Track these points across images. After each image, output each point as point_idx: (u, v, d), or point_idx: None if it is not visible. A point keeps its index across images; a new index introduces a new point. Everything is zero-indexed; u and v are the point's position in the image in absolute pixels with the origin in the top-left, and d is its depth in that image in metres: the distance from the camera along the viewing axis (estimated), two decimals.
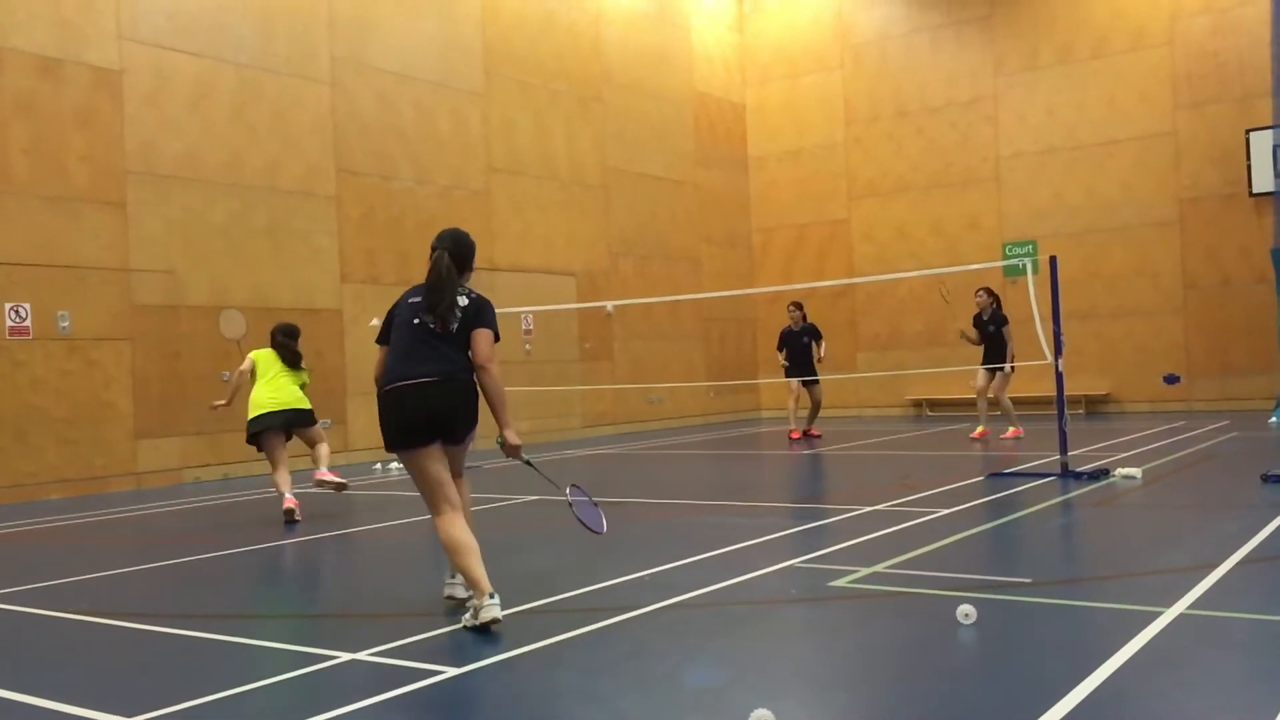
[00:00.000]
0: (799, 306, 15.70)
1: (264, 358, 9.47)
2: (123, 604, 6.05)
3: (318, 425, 9.74)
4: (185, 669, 4.62)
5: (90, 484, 11.93)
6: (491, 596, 4.84)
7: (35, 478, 11.51)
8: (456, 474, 5.44)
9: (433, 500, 5.26)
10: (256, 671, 4.40)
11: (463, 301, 5.41)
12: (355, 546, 7.89)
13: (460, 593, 5.36)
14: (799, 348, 15.46)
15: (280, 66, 13.97)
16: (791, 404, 15.64)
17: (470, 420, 5.40)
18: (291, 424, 9.38)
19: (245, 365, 9.50)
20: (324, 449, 9.62)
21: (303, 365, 9.64)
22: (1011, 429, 13.87)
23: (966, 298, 15.03)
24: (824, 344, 15.60)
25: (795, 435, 15.35)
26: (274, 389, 9.29)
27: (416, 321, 5.37)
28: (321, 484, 9.29)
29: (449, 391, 5.27)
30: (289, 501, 8.91)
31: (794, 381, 15.44)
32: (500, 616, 4.83)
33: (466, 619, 4.92)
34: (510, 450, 5.43)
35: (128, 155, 12.44)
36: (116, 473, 12.21)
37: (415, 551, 7.75)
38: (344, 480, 9.42)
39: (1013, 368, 13.84)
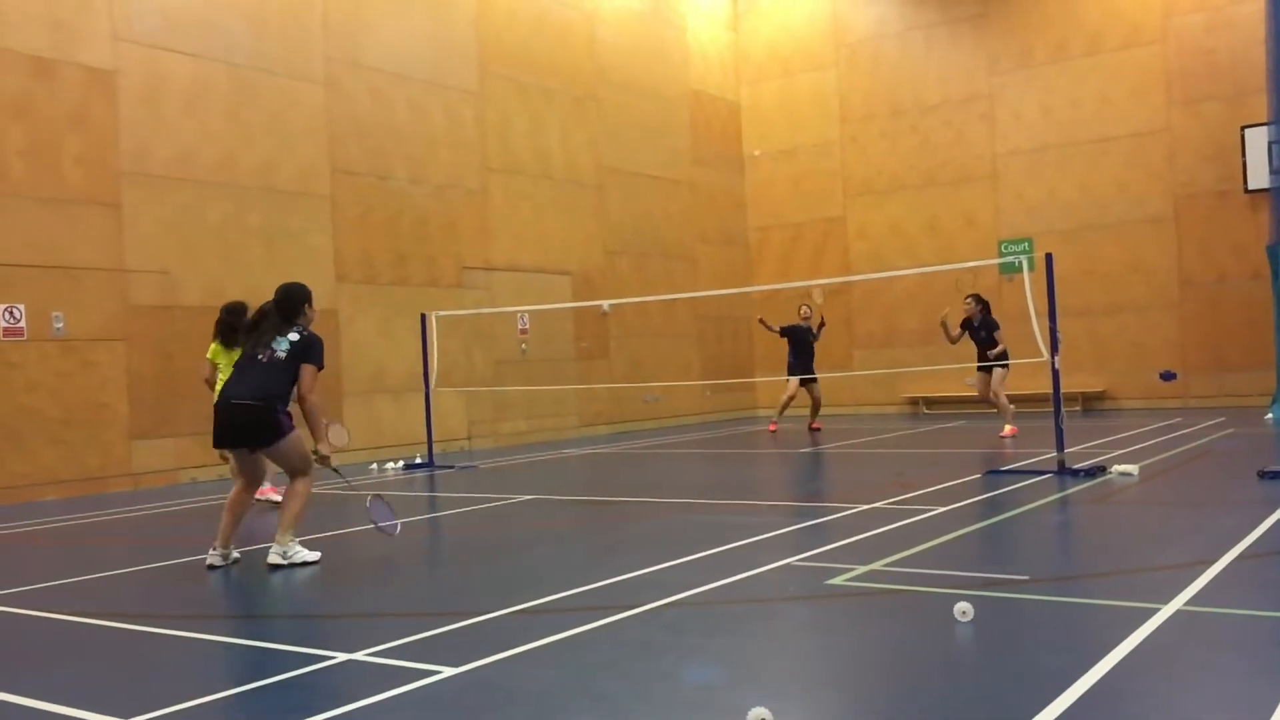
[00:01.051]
0: (809, 307, 16.23)
1: (217, 352, 9.09)
2: (119, 605, 6.04)
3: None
4: (182, 670, 4.61)
5: (86, 485, 11.91)
6: (214, 549, 6.81)
7: (31, 479, 11.49)
8: (287, 471, 7.00)
9: (234, 477, 7.30)
10: (254, 672, 4.39)
11: (293, 337, 6.95)
12: (352, 547, 7.88)
13: (217, 560, 6.82)
14: (807, 345, 15.82)
15: (274, 66, 13.95)
16: (785, 399, 15.98)
17: (267, 435, 6.78)
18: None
19: (206, 372, 9.15)
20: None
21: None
22: (1008, 427, 13.87)
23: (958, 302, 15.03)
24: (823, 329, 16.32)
25: (772, 428, 15.92)
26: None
27: (252, 351, 6.97)
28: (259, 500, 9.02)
29: (249, 411, 6.76)
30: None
31: (794, 380, 15.76)
32: (213, 564, 6.76)
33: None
34: (321, 460, 6.93)
35: (122, 156, 12.41)
36: (113, 473, 12.18)
37: (412, 552, 7.74)
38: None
39: (1007, 366, 13.84)
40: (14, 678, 4.47)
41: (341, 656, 4.51)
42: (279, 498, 8.89)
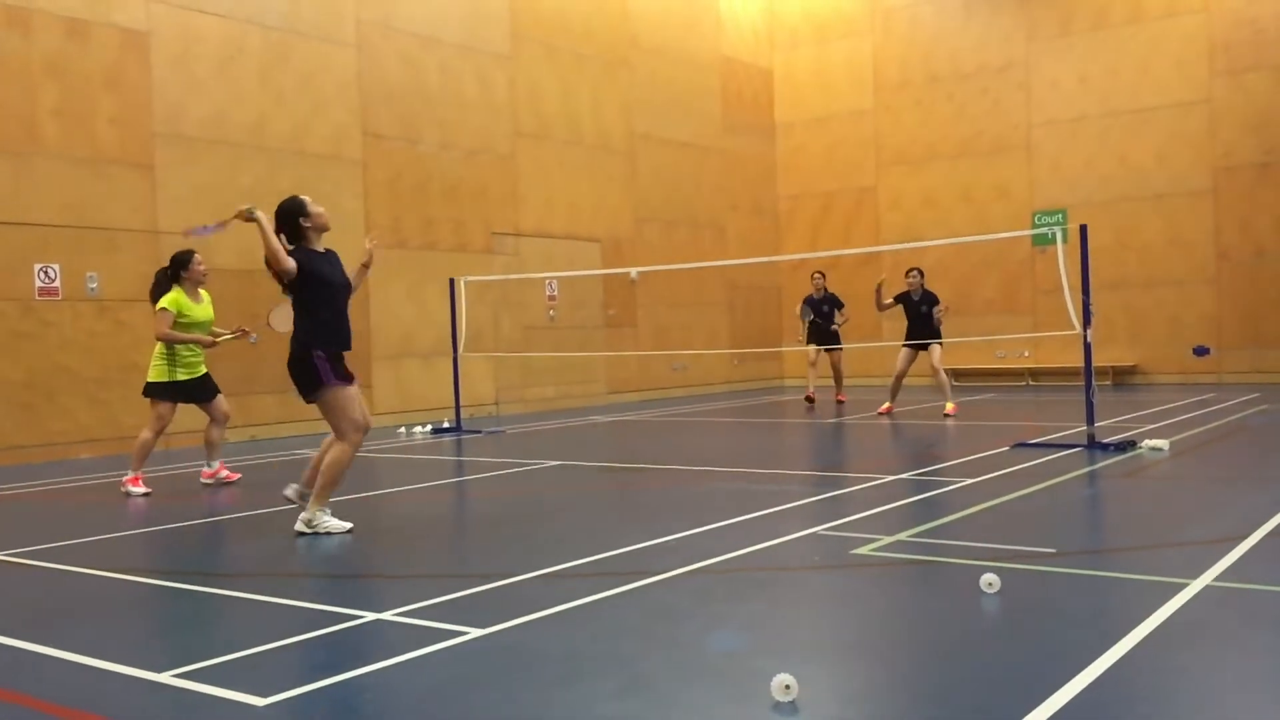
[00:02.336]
0: (823, 275, 15.88)
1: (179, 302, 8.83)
2: (150, 562, 6.13)
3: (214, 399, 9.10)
4: (212, 626, 4.68)
5: (119, 443, 12.06)
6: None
7: (66, 436, 11.65)
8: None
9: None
10: (282, 630, 4.45)
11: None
12: (379, 509, 7.95)
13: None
14: (822, 315, 15.65)
15: (307, 29, 13.93)
16: (810, 369, 15.84)
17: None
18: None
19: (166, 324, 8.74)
20: (213, 433, 9.11)
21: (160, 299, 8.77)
22: (950, 405, 13.62)
23: (998, 267, 14.88)
24: (845, 310, 15.86)
25: (812, 396, 15.63)
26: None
27: None
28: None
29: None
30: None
31: (812, 348, 15.63)
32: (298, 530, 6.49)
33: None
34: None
35: (155, 117, 12.47)
36: None
37: (439, 514, 7.80)
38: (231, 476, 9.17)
39: (940, 343, 13.75)
40: (47, 631, 4.55)
41: (370, 616, 4.56)
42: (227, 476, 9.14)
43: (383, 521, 7.45)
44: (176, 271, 8.95)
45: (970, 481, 7.81)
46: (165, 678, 3.81)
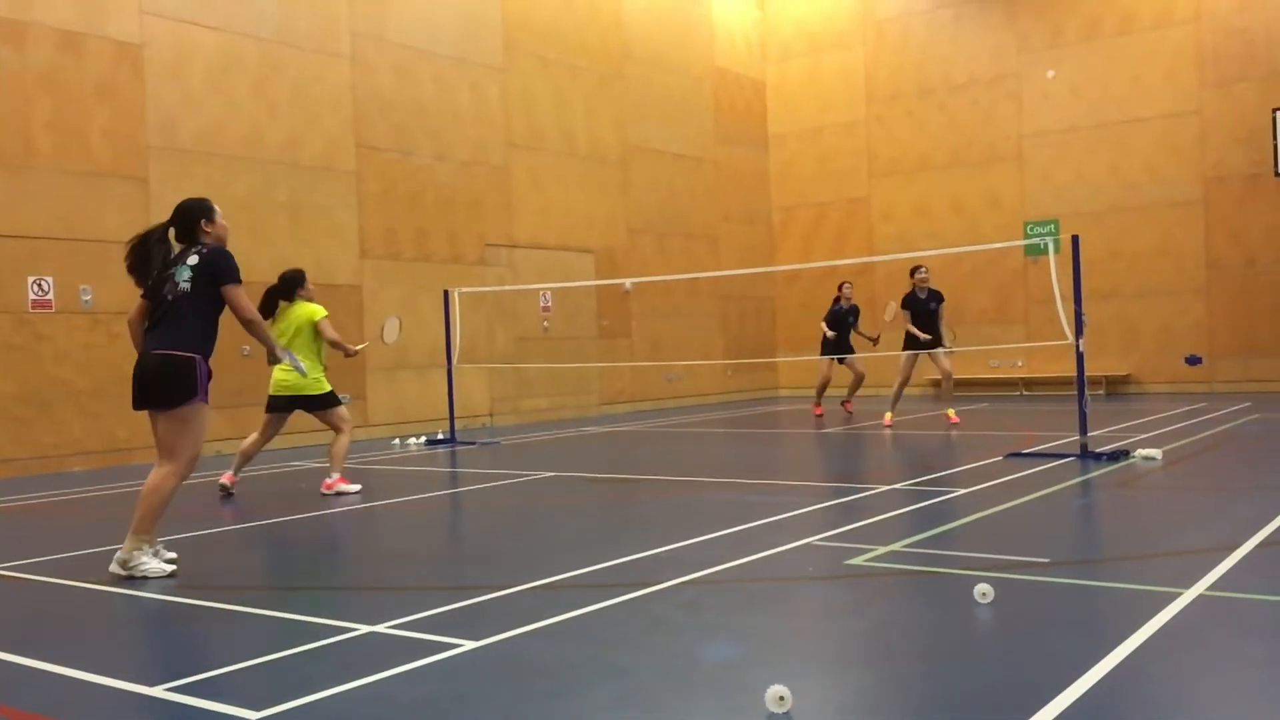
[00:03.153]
0: (851, 285, 15.79)
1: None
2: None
3: (326, 410, 8.99)
4: (205, 639, 4.67)
5: (113, 456, 12.04)
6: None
7: (59, 449, 11.62)
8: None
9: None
10: (275, 642, 4.44)
11: (192, 261, 6.03)
12: (373, 521, 7.94)
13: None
14: (846, 326, 15.44)
15: (301, 41, 13.96)
16: (820, 382, 15.47)
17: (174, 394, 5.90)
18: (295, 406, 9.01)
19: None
20: (338, 443, 8.93)
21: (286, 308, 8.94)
22: (952, 412, 13.65)
23: (991, 277, 14.91)
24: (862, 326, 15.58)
25: (819, 411, 15.36)
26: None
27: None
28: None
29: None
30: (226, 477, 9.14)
31: (827, 360, 15.28)
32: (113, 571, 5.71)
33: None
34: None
35: (149, 129, 12.47)
36: (139, 445, 12.30)
37: (433, 526, 7.79)
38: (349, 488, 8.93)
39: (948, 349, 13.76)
40: (42, 645, 4.54)
41: (363, 629, 4.55)
42: (348, 488, 8.89)
43: (376, 533, 7.44)
44: (293, 290, 9.16)
45: (964, 491, 7.82)
46: (158, 691, 3.80)
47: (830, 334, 15.16)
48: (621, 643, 4.30)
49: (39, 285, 11.50)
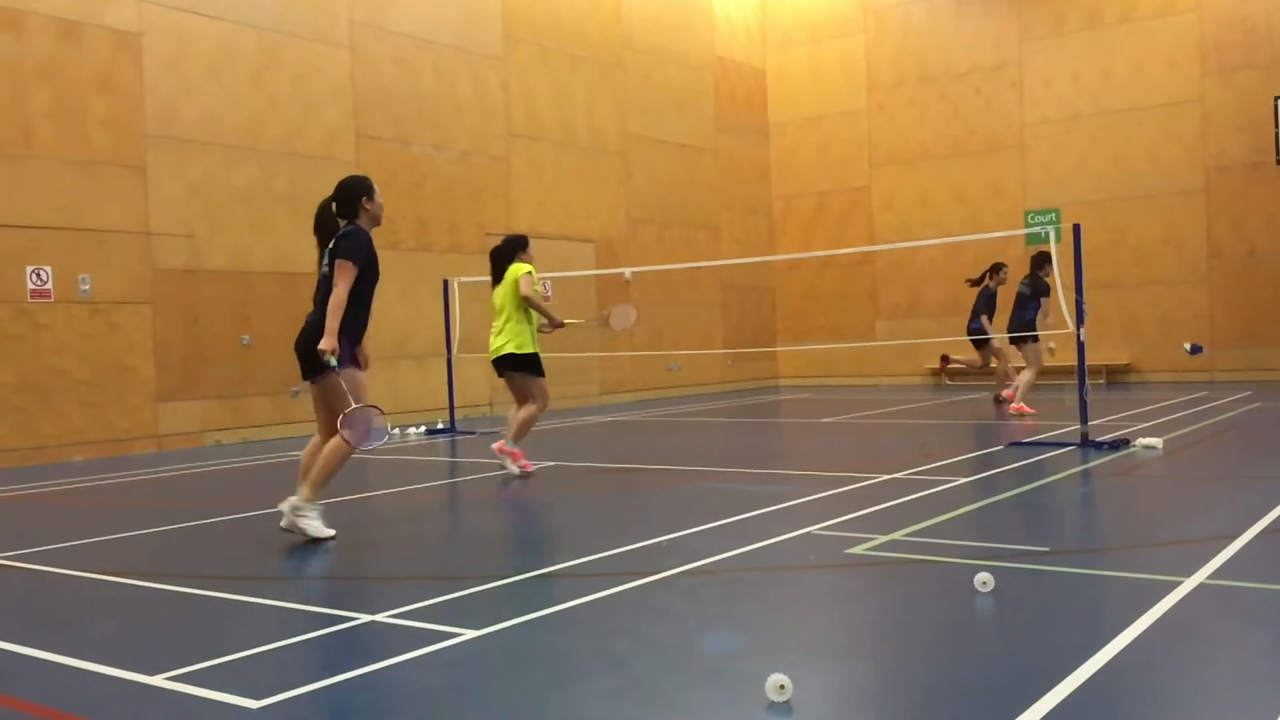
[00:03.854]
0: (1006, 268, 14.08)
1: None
2: (143, 564, 6.12)
3: (525, 374, 8.80)
4: (205, 629, 4.67)
5: (112, 446, 12.04)
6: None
7: (58, 439, 11.63)
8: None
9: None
10: (276, 632, 4.44)
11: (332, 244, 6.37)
12: (373, 510, 7.94)
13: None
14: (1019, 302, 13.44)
15: (300, 31, 13.92)
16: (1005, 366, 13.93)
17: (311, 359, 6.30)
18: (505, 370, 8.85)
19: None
20: (521, 412, 8.82)
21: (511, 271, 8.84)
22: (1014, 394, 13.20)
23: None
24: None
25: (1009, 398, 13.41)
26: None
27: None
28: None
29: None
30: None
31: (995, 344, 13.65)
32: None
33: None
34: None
35: (148, 119, 12.44)
36: (138, 435, 12.31)
37: (433, 515, 7.79)
38: (521, 470, 8.86)
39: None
40: (42, 634, 4.54)
41: (364, 618, 4.55)
42: (516, 465, 8.88)
43: (377, 523, 7.44)
44: (514, 252, 9.12)
45: (964, 480, 7.82)
46: (158, 680, 3.80)
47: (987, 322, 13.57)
48: (622, 632, 4.29)
49: (38, 275, 11.49)
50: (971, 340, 13.68)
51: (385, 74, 14.91)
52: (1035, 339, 12.86)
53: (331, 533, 6.33)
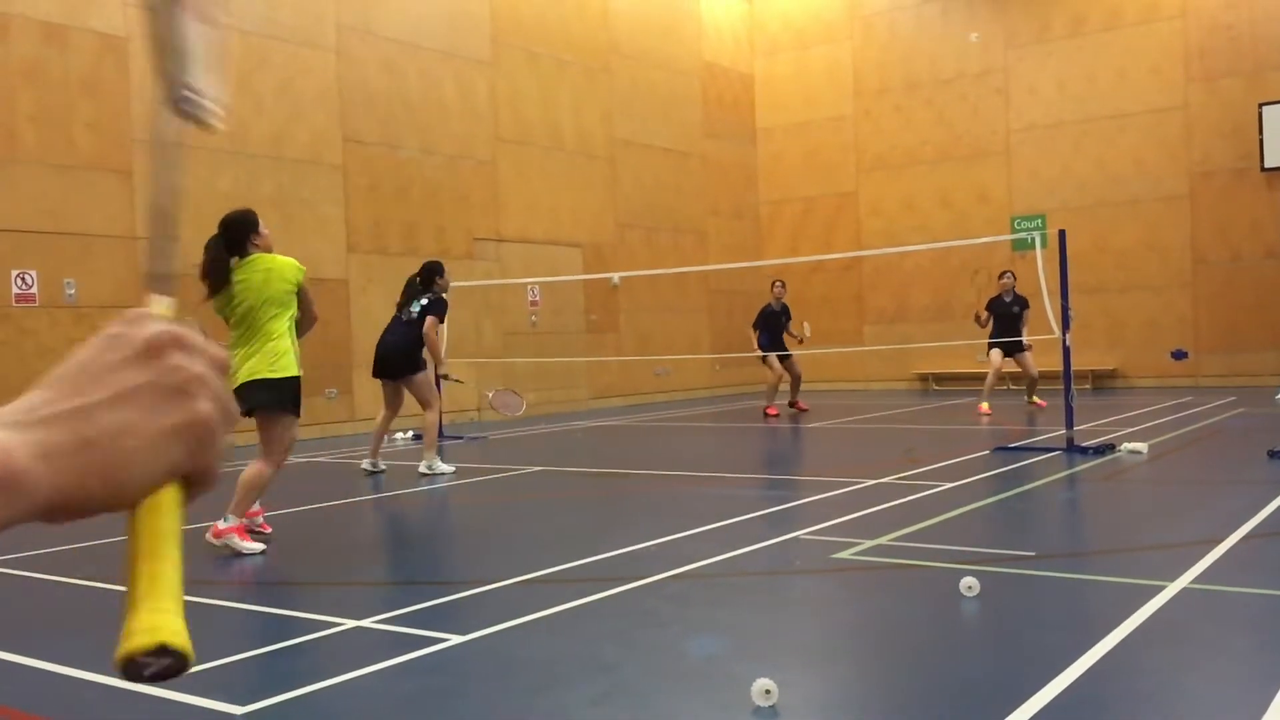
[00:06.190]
0: (784, 285, 15.78)
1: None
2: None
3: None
4: (190, 634, 4.64)
5: None
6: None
7: None
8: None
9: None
10: (260, 637, 4.42)
11: (424, 301, 9.73)
12: (359, 515, 7.92)
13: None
14: (779, 326, 15.39)
15: (286, 34, 13.89)
16: (774, 381, 15.30)
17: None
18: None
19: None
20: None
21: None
22: (1040, 400, 14.18)
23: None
24: (805, 324, 15.38)
25: (773, 412, 14.99)
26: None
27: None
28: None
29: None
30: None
31: (775, 358, 15.16)
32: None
33: None
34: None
35: (134, 122, 12.39)
36: None
37: (419, 520, 7.78)
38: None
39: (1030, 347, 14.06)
40: (27, 640, 4.51)
41: (349, 624, 4.54)
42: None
43: (362, 527, 7.41)
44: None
45: (950, 485, 7.84)
46: (142, 687, 3.78)
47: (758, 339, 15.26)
48: (608, 637, 4.29)
49: (22, 279, 11.43)
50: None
51: (372, 78, 14.89)
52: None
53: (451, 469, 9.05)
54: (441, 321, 9.93)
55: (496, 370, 16.36)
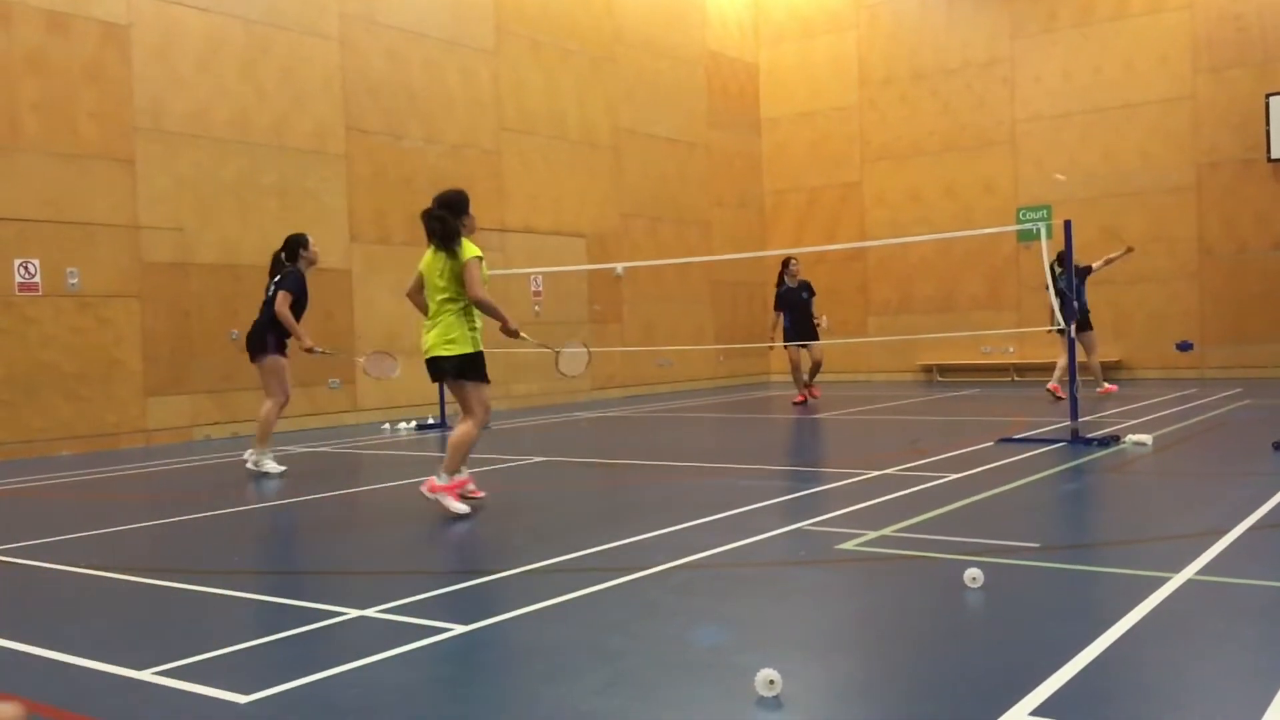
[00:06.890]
0: (798, 261, 15.17)
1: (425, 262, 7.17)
2: (133, 559, 6.09)
3: (468, 383, 6.95)
4: (194, 623, 4.65)
5: (101, 440, 11.99)
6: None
7: (46, 433, 11.57)
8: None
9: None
10: (265, 627, 4.42)
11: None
12: (363, 504, 7.92)
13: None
14: (799, 303, 14.91)
15: (289, 23, 13.85)
16: (796, 366, 15.04)
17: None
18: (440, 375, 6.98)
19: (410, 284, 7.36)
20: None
21: (457, 250, 7.02)
22: (1109, 385, 14.86)
23: (983, 263, 14.89)
24: (824, 316, 15.23)
25: (801, 400, 15.06)
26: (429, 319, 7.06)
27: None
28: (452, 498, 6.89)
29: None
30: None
31: (793, 346, 14.82)
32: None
33: None
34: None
35: (136, 111, 12.37)
36: (127, 429, 12.26)
37: (423, 510, 7.77)
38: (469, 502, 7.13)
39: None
40: (28, 629, 4.51)
41: (353, 613, 4.54)
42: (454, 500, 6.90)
43: (366, 517, 7.41)
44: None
45: (955, 476, 7.82)
46: (146, 675, 3.78)
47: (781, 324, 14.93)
48: (613, 627, 4.28)
49: (25, 268, 11.42)
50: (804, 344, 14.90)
51: (375, 67, 14.85)
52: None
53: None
54: (298, 295, 9.08)
55: (499, 360, 16.34)
